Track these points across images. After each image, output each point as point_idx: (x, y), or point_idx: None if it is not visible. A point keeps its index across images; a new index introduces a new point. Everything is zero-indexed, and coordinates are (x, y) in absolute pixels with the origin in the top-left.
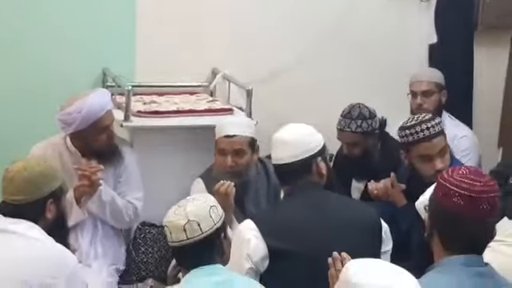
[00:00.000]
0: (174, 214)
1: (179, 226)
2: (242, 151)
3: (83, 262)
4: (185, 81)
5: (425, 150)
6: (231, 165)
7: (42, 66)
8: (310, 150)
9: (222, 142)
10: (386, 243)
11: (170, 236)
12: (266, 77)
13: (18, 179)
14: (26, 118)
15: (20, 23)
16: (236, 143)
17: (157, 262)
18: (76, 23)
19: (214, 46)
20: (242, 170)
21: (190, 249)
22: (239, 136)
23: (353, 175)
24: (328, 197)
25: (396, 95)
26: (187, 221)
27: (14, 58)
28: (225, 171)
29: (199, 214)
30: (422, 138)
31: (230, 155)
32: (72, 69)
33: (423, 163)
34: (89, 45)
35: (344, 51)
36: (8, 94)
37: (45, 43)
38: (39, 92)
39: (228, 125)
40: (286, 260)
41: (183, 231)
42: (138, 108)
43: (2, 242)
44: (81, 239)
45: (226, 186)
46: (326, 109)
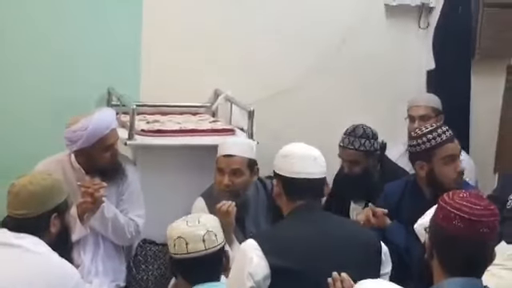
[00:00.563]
0: (188, 225)
1: (199, 236)
2: (239, 171)
3: (84, 278)
4: (188, 101)
5: (451, 150)
6: (228, 184)
7: (49, 85)
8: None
9: (221, 161)
10: (386, 265)
11: (186, 247)
12: (267, 98)
13: (23, 193)
14: (32, 136)
15: (26, 44)
16: (234, 163)
17: (157, 280)
18: (82, 44)
19: (217, 67)
20: (238, 190)
21: (203, 261)
22: (238, 156)
23: (352, 195)
24: (329, 217)
25: (394, 120)
26: (206, 231)
27: (22, 77)
28: (221, 190)
29: (215, 226)
30: (446, 140)
31: (227, 174)
32: (78, 88)
33: (447, 165)
34: (95, 65)
35: (343, 75)
36: (15, 112)
37: (51, 63)
38: (45, 111)
39: (228, 144)
40: (287, 279)
41: (202, 241)
42: (142, 127)
43: (7, 256)
44: (83, 255)
45: (227, 205)
46: (325, 130)
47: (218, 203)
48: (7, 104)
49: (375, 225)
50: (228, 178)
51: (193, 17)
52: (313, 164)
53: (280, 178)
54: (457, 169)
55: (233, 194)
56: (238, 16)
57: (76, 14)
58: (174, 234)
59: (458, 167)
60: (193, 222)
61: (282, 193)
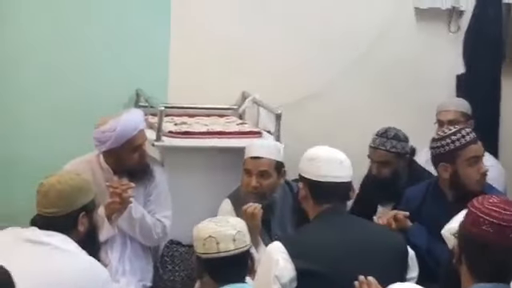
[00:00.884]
0: (217, 225)
1: (230, 235)
2: (266, 173)
3: (112, 277)
4: (215, 103)
5: (475, 151)
6: (255, 185)
7: (78, 87)
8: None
9: (249, 162)
10: (412, 270)
11: (217, 247)
12: (294, 102)
13: (51, 193)
14: (61, 136)
15: (58, 46)
16: (261, 165)
17: (183, 281)
18: (111, 46)
19: (245, 70)
20: (265, 192)
21: (232, 261)
22: (265, 158)
23: (379, 198)
24: (356, 221)
25: (422, 124)
26: (236, 231)
27: (52, 80)
28: (249, 191)
29: (243, 227)
30: (469, 141)
31: (254, 176)
32: (107, 89)
33: (471, 167)
34: (123, 67)
35: (372, 79)
36: (45, 114)
37: (81, 65)
38: (74, 112)
39: (256, 146)
40: (313, 282)
41: (233, 241)
42: (170, 128)
43: (37, 254)
44: (110, 255)
45: (253, 207)
46: (353, 135)
47: (245, 205)
48: (39, 105)
49: (396, 228)
50: (255, 179)
51: (221, 20)
52: (339, 167)
53: (306, 182)
54: (480, 170)
55: (259, 196)
56: (268, 20)
57: (105, 17)
58: (204, 233)
59: (482, 169)
60: (221, 222)
61: (308, 196)
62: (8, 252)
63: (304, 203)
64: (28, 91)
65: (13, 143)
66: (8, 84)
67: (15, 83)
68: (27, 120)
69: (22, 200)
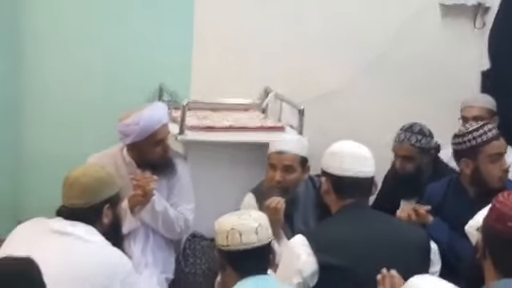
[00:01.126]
0: (240, 218)
1: (252, 228)
2: (291, 168)
3: (135, 269)
4: (238, 98)
5: (497, 148)
6: (279, 180)
7: (102, 82)
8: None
9: (274, 157)
10: (435, 264)
11: (240, 239)
12: (317, 97)
13: (77, 185)
14: (85, 130)
15: (81, 40)
16: (286, 159)
17: (204, 274)
18: (135, 40)
19: (267, 65)
20: (289, 187)
21: (254, 253)
22: (290, 153)
23: (402, 193)
24: (379, 216)
25: (447, 121)
26: (259, 224)
27: (77, 74)
28: (273, 186)
29: (265, 221)
30: (492, 137)
31: (279, 170)
32: (130, 84)
33: (492, 164)
34: (147, 61)
35: (396, 75)
36: (70, 109)
37: (105, 60)
38: (98, 106)
39: (281, 141)
40: (335, 276)
41: (255, 234)
42: (193, 123)
43: (62, 244)
44: (133, 247)
45: (276, 201)
46: (375, 131)
47: (268, 199)
48: (64, 99)
49: (417, 222)
50: (279, 174)
51: (244, 15)
52: (362, 162)
53: (328, 176)
54: (502, 167)
55: (283, 190)
56: (292, 15)
57: (128, 11)
58: (227, 226)
59: (504, 165)
60: (244, 216)
61: (330, 190)
62: (33, 242)
63: (326, 198)
64: (53, 86)
65: (38, 137)
66: (34, 78)
67: (40, 78)
68: (52, 115)
69: (48, 193)
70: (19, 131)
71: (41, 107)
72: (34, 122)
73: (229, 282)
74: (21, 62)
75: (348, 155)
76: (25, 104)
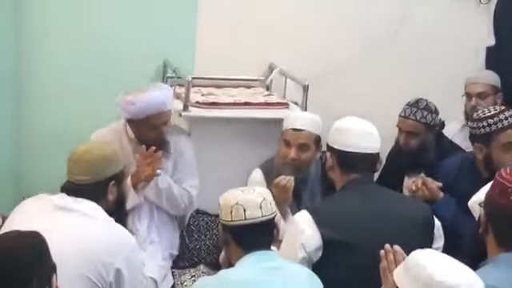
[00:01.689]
0: (243, 193)
1: (257, 202)
2: (306, 146)
3: (139, 246)
4: (242, 74)
5: (510, 137)
6: (294, 157)
7: (106, 58)
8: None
9: (289, 134)
10: (438, 240)
11: (244, 214)
12: (321, 74)
13: (83, 161)
14: (89, 105)
15: (87, 19)
16: (302, 137)
17: (209, 249)
18: (139, 16)
19: (272, 41)
20: (302, 166)
21: (258, 228)
22: (306, 131)
23: (406, 169)
24: (383, 191)
25: (450, 97)
26: (263, 199)
27: (82, 51)
28: (286, 163)
29: (269, 195)
30: (507, 126)
31: (294, 148)
32: (134, 60)
33: (505, 153)
34: (151, 37)
35: (400, 51)
36: (72, 83)
37: (109, 36)
38: (101, 82)
39: (297, 118)
40: (339, 251)
41: (259, 208)
42: (197, 99)
43: (66, 220)
44: (138, 224)
45: (285, 180)
46: (380, 107)
47: (277, 177)
48: (65, 75)
49: (427, 196)
50: (294, 151)
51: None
52: (367, 138)
53: (334, 152)
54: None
55: (296, 168)
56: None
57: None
58: (231, 201)
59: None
60: (248, 191)
61: (335, 166)
62: (37, 218)
63: (331, 173)
64: (56, 62)
65: (41, 113)
66: (36, 53)
67: (43, 53)
68: (55, 90)
69: (52, 169)
70: (22, 107)
71: (43, 83)
72: (36, 98)
73: (232, 256)
74: (22, 36)
75: (353, 131)
76: (27, 79)
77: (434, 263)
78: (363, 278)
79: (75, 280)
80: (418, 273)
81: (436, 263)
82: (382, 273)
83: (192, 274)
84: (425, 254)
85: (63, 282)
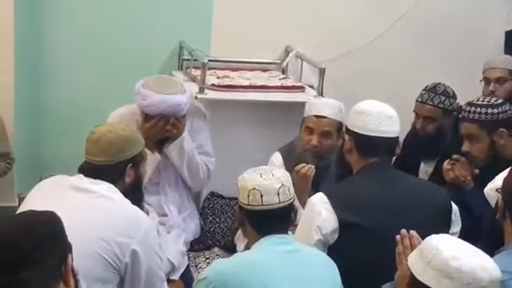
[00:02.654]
0: (262, 178)
1: (274, 189)
2: (329, 133)
3: (166, 229)
4: (258, 57)
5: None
6: (316, 144)
7: (122, 40)
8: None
9: (311, 120)
10: (455, 225)
11: (261, 200)
12: (338, 57)
13: (103, 141)
14: (106, 86)
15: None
16: (325, 124)
17: (223, 232)
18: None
19: (288, 24)
20: (324, 153)
21: (276, 213)
22: (329, 118)
23: (422, 155)
24: (400, 176)
25: (469, 81)
26: (281, 185)
27: (99, 32)
28: (308, 149)
29: (288, 180)
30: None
31: (316, 135)
32: (151, 42)
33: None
34: (167, 19)
35: (417, 35)
36: (90, 66)
37: (125, 18)
38: (118, 64)
39: (320, 105)
40: (355, 234)
41: (277, 195)
42: (212, 81)
43: (83, 201)
44: (167, 208)
45: (306, 168)
46: (396, 91)
47: (297, 162)
48: (83, 57)
49: (461, 181)
50: (317, 138)
51: None
52: (387, 121)
53: (352, 135)
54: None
55: (318, 155)
56: None
57: None
58: (249, 185)
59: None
60: (266, 174)
61: (353, 149)
62: (55, 199)
63: (349, 156)
64: (74, 44)
65: (60, 94)
66: (59, 36)
67: (61, 36)
68: (73, 72)
69: (69, 150)
70: (40, 88)
71: (61, 63)
72: (54, 79)
73: (248, 238)
74: (41, 15)
75: (373, 114)
76: (45, 60)
77: (448, 248)
78: (378, 262)
79: (91, 260)
80: (433, 258)
81: (451, 248)
82: (398, 258)
83: (206, 257)
84: (440, 239)
85: (78, 262)
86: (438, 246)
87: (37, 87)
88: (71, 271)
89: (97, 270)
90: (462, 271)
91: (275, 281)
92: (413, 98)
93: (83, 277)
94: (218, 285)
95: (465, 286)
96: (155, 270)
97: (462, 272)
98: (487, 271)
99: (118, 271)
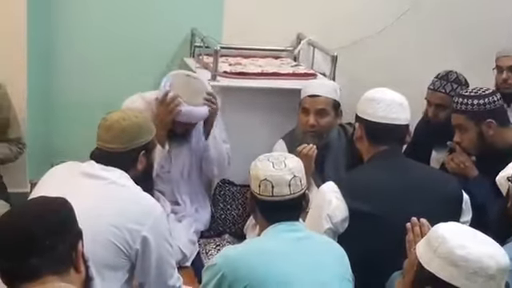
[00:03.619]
0: (274, 168)
1: (285, 180)
2: (324, 111)
3: (178, 218)
4: (270, 45)
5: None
6: (313, 123)
7: (134, 27)
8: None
9: (307, 101)
10: (466, 214)
11: (272, 190)
12: (350, 44)
13: (115, 128)
14: (117, 75)
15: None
16: (319, 103)
17: (234, 219)
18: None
19: (300, 11)
20: (322, 131)
21: (285, 205)
22: (323, 96)
23: (434, 143)
24: (411, 164)
25: (482, 69)
26: (293, 176)
27: (108, 20)
28: (306, 130)
29: (300, 171)
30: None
31: (312, 114)
32: (162, 29)
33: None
34: (179, 6)
35: (429, 23)
36: (101, 54)
37: (137, 4)
38: (130, 52)
39: (313, 85)
40: (365, 223)
41: (288, 186)
42: (225, 68)
43: (94, 187)
44: (179, 197)
45: (308, 148)
46: (408, 79)
47: (300, 146)
48: (93, 45)
49: (462, 171)
50: (313, 117)
51: None
52: (398, 110)
53: (363, 122)
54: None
55: (317, 135)
56: None
57: None
58: (261, 175)
59: None
60: (279, 165)
61: (363, 137)
62: (66, 185)
63: (359, 144)
64: (85, 32)
65: (71, 82)
66: (66, 24)
67: (73, 24)
68: (84, 60)
69: (80, 137)
70: (52, 76)
71: (74, 51)
72: (66, 66)
73: (259, 225)
74: (55, 10)
75: (383, 102)
76: (58, 49)
77: (455, 236)
78: (389, 251)
79: (101, 246)
80: (439, 246)
81: (457, 236)
82: (408, 246)
83: (217, 244)
84: (447, 227)
85: (89, 249)
86: (444, 234)
87: (49, 75)
88: (82, 258)
89: (107, 256)
90: (468, 259)
91: (285, 267)
92: (423, 86)
93: (94, 263)
94: (227, 271)
95: (471, 274)
96: (166, 256)
97: (468, 260)
98: (495, 260)
99: (128, 258)
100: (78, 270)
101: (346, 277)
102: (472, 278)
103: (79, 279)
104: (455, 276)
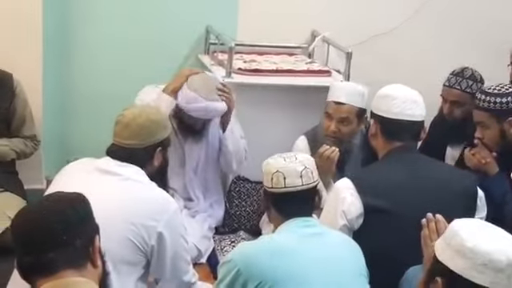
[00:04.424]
0: (285, 161)
1: (297, 171)
2: (347, 120)
3: (192, 213)
4: (284, 42)
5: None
6: (334, 130)
7: (149, 24)
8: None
9: (331, 106)
10: (480, 210)
11: (284, 182)
12: (364, 41)
13: (133, 125)
14: (132, 70)
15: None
16: (343, 111)
17: (249, 216)
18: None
19: (314, 8)
20: (343, 138)
21: (298, 196)
22: (347, 105)
23: (449, 140)
24: (426, 160)
25: (496, 67)
26: (304, 167)
27: (126, 16)
28: (327, 135)
29: (311, 164)
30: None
31: (335, 121)
32: (177, 26)
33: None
34: (194, 3)
35: (444, 19)
36: (118, 48)
37: (151, 2)
38: (145, 48)
39: (340, 91)
40: (380, 218)
41: (300, 177)
42: (239, 66)
43: (109, 183)
44: (193, 193)
45: (330, 150)
46: (422, 76)
47: (322, 148)
48: (109, 42)
49: (485, 165)
50: (335, 124)
51: None
52: (413, 106)
53: (378, 119)
54: None
55: (337, 141)
56: None
57: None
58: (273, 168)
59: None
60: (290, 158)
61: (378, 133)
62: (82, 181)
63: (373, 140)
64: (100, 29)
65: (87, 78)
66: (87, 21)
67: (89, 19)
68: (100, 56)
69: (96, 134)
70: (68, 73)
71: (88, 46)
72: (81, 62)
73: (273, 222)
74: (70, 7)
75: (398, 98)
76: (74, 46)
77: (468, 230)
78: (404, 247)
79: (118, 242)
80: (452, 239)
81: (470, 230)
82: (423, 241)
83: (232, 240)
84: (463, 222)
85: (106, 244)
86: (458, 228)
87: (64, 72)
88: (99, 252)
89: (124, 252)
90: (477, 252)
91: (300, 263)
92: (438, 83)
93: (110, 258)
94: (242, 267)
95: (480, 266)
96: (181, 252)
97: (477, 253)
98: (506, 255)
99: (144, 254)
100: (95, 264)
101: (361, 272)
102: (481, 270)
103: (96, 273)
104: (465, 267)
